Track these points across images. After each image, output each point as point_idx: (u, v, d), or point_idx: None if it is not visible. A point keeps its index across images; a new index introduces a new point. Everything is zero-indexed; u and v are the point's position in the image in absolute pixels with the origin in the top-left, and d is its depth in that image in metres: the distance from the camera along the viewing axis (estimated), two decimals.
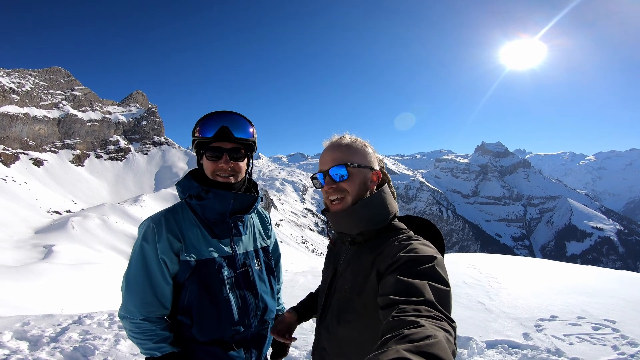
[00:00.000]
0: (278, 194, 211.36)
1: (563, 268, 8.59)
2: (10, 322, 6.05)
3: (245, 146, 1.67)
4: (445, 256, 1.12)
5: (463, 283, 6.98)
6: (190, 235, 1.60)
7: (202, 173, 1.69)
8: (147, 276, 1.54)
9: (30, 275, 25.66)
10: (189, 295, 1.57)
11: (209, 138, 1.59)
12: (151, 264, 1.55)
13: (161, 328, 1.57)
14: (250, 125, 1.69)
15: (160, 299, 1.56)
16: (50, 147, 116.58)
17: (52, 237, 51.23)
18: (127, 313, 1.56)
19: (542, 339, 4.31)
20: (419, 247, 1.14)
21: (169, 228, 1.58)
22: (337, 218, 1.35)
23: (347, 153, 1.34)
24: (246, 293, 1.68)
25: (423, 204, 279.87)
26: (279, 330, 1.60)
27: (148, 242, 1.55)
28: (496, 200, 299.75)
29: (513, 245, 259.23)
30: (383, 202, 1.34)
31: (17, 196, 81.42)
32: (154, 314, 1.56)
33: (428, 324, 0.81)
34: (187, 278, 1.58)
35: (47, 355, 4.55)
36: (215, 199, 1.61)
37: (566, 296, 5.86)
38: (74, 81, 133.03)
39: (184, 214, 1.65)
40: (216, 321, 1.59)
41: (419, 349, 0.69)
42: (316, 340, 1.50)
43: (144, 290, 1.54)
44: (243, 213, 1.70)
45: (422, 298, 0.93)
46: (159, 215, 1.63)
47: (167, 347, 1.55)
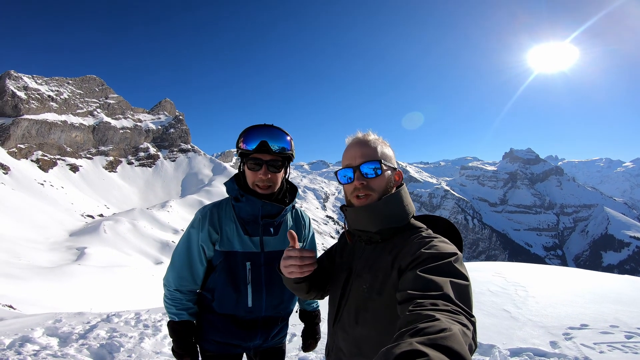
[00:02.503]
0: (300, 201, 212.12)
1: (596, 277, 8.17)
2: (43, 319, 6.32)
3: (283, 158, 1.86)
4: (470, 264, 1.15)
5: (487, 291, 6.76)
6: (227, 229, 1.86)
7: (243, 178, 1.92)
8: (187, 256, 1.86)
9: (63, 276, 26.90)
10: (216, 278, 1.87)
11: (250, 150, 1.78)
12: (193, 247, 1.86)
13: (187, 299, 1.88)
14: (287, 138, 1.86)
15: (194, 276, 1.87)
16: (85, 154, 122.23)
17: (85, 240, 53.43)
18: (166, 282, 1.90)
19: (570, 347, 4.10)
20: (439, 245, 1.15)
21: (211, 221, 1.85)
22: (358, 214, 1.34)
23: (376, 150, 1.34)
24: (264, 287, 1.89)
25: (448, 212, 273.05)
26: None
27: (194, 229, 1.86)
28: (526, 209, 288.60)
29: (544, 255, 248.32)
30: (403, 201, 1.35)
31: (54, 200, 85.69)
32: (185, 287, 1.87)
33: (444, 318, 0.81)
34: (217, 264, 1.87)
35: (75, 351, 4.70)
36: (248, 204, 1.85)
37: (599, 305, 5.56)
38: (107, 89, 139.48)
39: (226, 210, 1.90)
40: (233, 303, 1.87)
41: (433, 342, 0.69)
42: (331, 341, 1.47)
43: (182, 267, 1.86)
44: (272, 218, 1.89)
45: (440, 292, 0.93)
46: (207, 207, 1.91)
47: (185, 315, 1.87)
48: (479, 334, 5.19)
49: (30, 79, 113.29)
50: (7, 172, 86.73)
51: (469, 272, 1.04)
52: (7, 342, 4.93)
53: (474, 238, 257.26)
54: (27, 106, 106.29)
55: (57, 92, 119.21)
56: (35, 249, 44.12)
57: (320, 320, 2.28)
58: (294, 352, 4.50)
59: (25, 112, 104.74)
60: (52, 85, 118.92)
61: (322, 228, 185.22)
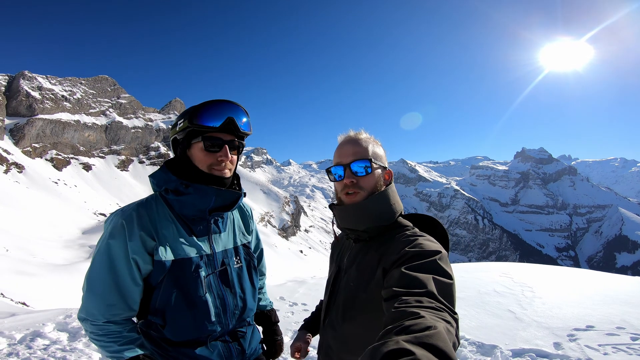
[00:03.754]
0: (308, 200, 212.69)
1: (606, 278, 8.03)
2: (54, 315, 6.48)
3: (240, 140, 1.56)
4: (477, 264, 1.16)
5: (493, 291, 6.71)
6: (166, 233, 1.44)
7: (181, 165, 1.52)
8: (112, 277, 1.37)
9: (76, 272, 27.40)
10: (162, 296, 1.42)
11: (214, 128, 1.45)
12: (119, 264, 1.37)
13: (127, 330, 1.41)
14: (249, 119, 1.58)
15: (127, 301, 1.40)
16: (98, 153, 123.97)
17: (97, 238, 53.58)
18: (88, 315, 1.39)
19: (574, 348, 4.06)
20: (424, 243, 1.16)
21: (141, 225, 1.40)
22: (346, 212, 1.35)
23: (367, 149, 1.35)
24: (224, 293, 1.55)
25: (457, 212, 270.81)
26: (297, 347, 1.62)
27: (116, 240, 1.37)
28: (538, 209, 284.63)
29: (557, 256, 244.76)
30: (391, 199, 1.36)
31: (68, 198, 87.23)
32: (119, 316, 1.40)
33: (428, 315, 0.82)
34: (160, 280, 1.42)
35: (84, 346, 4.82)
36: (196, 195, 1.45)
37: (607, 306, 5.48)
38: (119, 89, 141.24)
39: (158, 209, 1.48)
40: (192, 323, 1.45)
41: (419, 340, 0.69)
42: (321, 338, 1.49)
43: (108, 292, 1.37)
44: (225, 210, 1.55)
45: (425, 290, 0.94)
46: (129, 209, 1.43)
47: (134, 349, 1.39)
48: (482, 334, 5.19)
49: (44, 79, 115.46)
50: (21, 171, 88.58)
51: (475, 272, 1.01)
52: (19, 336, 5.09)
53: (484, 238, 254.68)
54: (42, 106, 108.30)
55: (71, 92, 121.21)
56: (49, 246, 45.00)
57: (278, 320, 2.01)
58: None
59: (39, 111, 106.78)
60: (65, 85, 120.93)
61: (329, 227, 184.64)
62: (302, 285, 8.75)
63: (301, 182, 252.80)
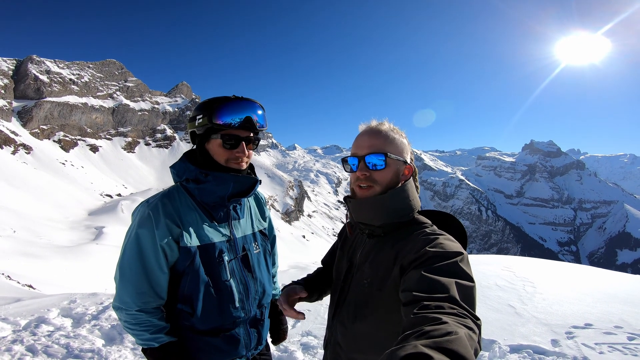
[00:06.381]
0: (312, 185, 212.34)
1: (607, 275, 8.01)
2: (59, 300, 6.49)
3: (256, 134, 1.65)
4: (480, 257, 1.13)
5: (495, 285, 6.73)
6: (189, 220, 1.53)
7: (199, 156, 1.61)
8: (142, 265, 1.45)
9: (81, 254, 27.78)
10: (190, 282, 1.51)
11: (233, 127, 1.53)
12: (147, 252, 1.46)
13: (158, 318, 1.49)
14: (264, 113, 1.65)
15: (155, 289, 1.48)
16: (105, 135, 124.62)
17: (103, 219, 54.74)
18: (122, 304, 1.48)
19: (571, 346, 4.09)
20: (445, 243, 1.11)
21: (166, 213, 1.48)
22: (361, 206, 1.30)
23: (386, 142, 1.28)
24: (247, 278, 1.64)
25: (461, 202, 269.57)
26: (292, 301, 1.50)
27: (144, 229, 1.46)
28: (543, 203, 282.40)
29: (558, 250, 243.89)
30: (409, 195, 1.29)
31: (75, 180, 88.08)
32: (150, 304, 1.48)
33: (451, 321, 0.79)
34: (187, 265, 1.50)
35: (87, 332, 4.83)
36: (215, 182, 1.55)
37: (606, 304, 5.49)
38: (127, 73, 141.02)
39: (180, 198, 1.56)
40: (218, 308, 1.54)
41: (438, 345, 0.68)
42: (329, 334, 1.45)
43: (139, 280, 1.45)
44: (242, 196, 1.63)
45: (447, 295, 0.91)
46: (154, 200, 1.52)
47: (164, 337, 1.49)
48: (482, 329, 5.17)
49: (52, 63, 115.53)
50: (29, 152, 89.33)
51: (478, 265, 0.95)
52: (23, 323, 5.12)
53: (486, 230, 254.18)
54: (49, 89, 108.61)
55: (78, 75, 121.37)
56: (55, 227, 45.49)
57: None
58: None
59: (47, 94, 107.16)
60: (73, 69, 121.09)
61: (333, 213, 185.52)
62: (305, 273, 8.77)
63: (306, 166, 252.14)
